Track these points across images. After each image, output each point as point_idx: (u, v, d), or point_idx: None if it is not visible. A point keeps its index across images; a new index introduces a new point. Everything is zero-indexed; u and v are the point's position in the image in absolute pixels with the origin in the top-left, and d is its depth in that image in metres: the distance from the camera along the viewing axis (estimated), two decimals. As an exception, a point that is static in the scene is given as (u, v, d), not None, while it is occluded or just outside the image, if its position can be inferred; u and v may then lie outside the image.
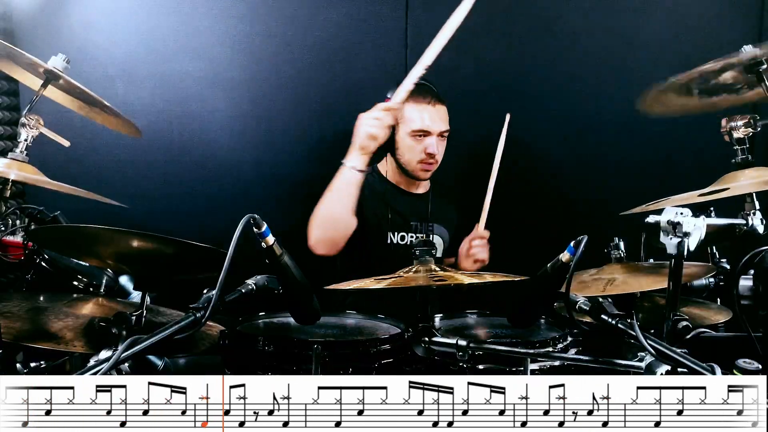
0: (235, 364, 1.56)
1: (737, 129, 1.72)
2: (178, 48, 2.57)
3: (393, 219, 2.31)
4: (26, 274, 1.90)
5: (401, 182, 2.37)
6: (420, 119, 2.21)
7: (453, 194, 2.48)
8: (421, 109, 2.21)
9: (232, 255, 1.23)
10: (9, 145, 2.44)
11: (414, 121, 2.21)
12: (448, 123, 2.27)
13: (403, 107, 2.12)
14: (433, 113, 2.22)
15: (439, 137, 2.24)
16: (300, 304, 1.45)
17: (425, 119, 2.21)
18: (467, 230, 2.34)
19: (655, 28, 2.59)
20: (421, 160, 2.25)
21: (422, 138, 2.22)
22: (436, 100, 2.23)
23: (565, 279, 1.30)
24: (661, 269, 1.80)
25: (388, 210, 2.31)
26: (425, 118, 2.21)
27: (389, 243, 2.32)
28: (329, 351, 1.48)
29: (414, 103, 2.20)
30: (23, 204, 2.15)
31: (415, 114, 2.21)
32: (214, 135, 2.62)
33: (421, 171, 2.27)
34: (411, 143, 2.23)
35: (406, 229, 2.34)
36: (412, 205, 2.36)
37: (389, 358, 1.54)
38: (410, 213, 2.35)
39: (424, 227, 2.36)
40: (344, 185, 2.08)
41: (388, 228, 2.31)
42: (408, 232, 2.34)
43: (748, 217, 1.66)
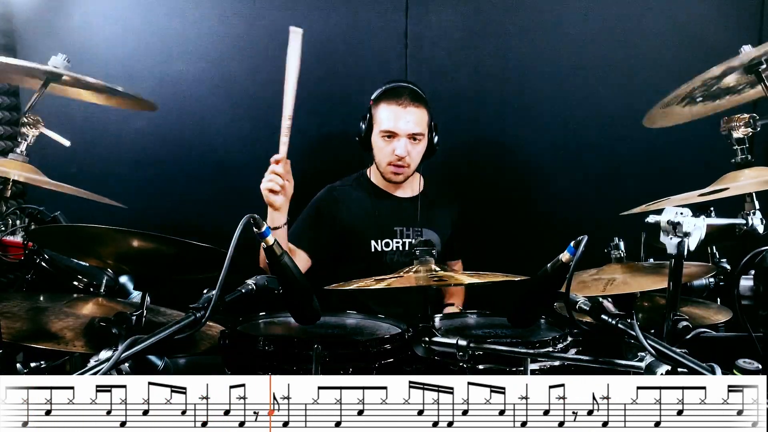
0: (235, 364, 1.56)
1: (737, 129, 1.71)
2: (178, 48, 2.57)
3: (377, 225, 2.28)
4: (26, 274, 1.90)
5: (386, 186, 2.34)
6: (387, 120, 2.18)
7: (447, 198, 2.43)
8: (390, 110, 2.18)
9: (231, 255, 1.23)
10: (9, 145, 2.44)
11: (382, 121, 2.19)
12: (424, 125, 2.21)
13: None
14: (403, 115, 2.17)
15: (410, 140, 2.19)
16: (300, 304, 1.45)
17: (391, 120, 2.18)
18: (462, 235, 2.33)
19: (654, 29, 2.59)
20: (390, 162, 2.22)
21: (390, 139, 2.20)
22: (409, 101, 2.18)
23: (565, 279, 1.30)
24: (661, 269, 1.80)
25: (370, 216, 2.28)
26: (391, 119, 2.18)
27: (373, 251, 2.28)
28: (329, 351, 1.48)
29: (385, 104, 2.19)
30: (23, 204, 2.15)
31: (383, 114, 2.20)
32: (214, 135, 2.62)
33: (392, 173, 2.24)
34: (381, 144, 2.22)
35: (391, 235, 2.30)
36: (398, 210, 2.32)
37: (389, 358, 1.54)
38: (396, 217, 2.31)
39: (413, 232, 2.31)
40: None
41: (372, 236, 2.27)
42: (393, 238, 2.30)
43: (748, 217, 1.66)
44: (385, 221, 2.29)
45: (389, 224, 2.29)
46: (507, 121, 2.66)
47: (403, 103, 2.18)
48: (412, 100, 2.19)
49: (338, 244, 2.29)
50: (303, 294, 1.43)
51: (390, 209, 2.32)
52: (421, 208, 2.32)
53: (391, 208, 2.32)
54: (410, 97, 2.19)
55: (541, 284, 1.35)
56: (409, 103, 2.18)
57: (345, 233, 2.28)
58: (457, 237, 2.40)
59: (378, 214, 2.29)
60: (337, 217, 2.29)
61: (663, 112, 1.83)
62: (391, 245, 2.28)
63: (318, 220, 2.29)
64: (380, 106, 2.20)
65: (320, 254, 2.25)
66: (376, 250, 2.28)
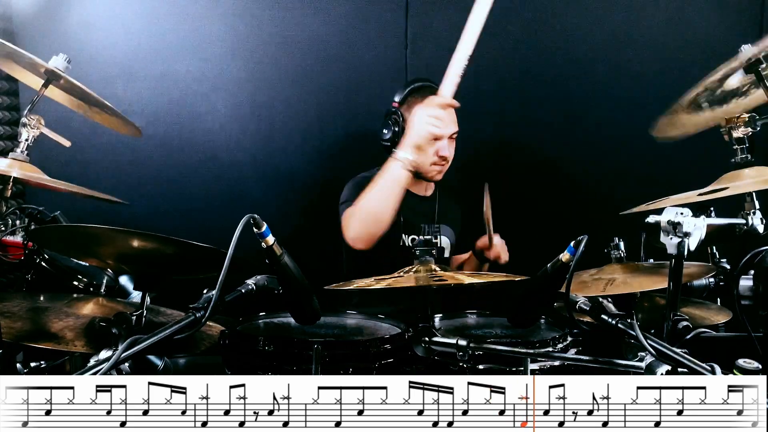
0: (235, 364, 1.56)
1: (737, 128, 1.71)
2: (178, 48, 2.57)
3: (405, 222, 2.27)
4: (26, 274, 1.90)
5: (411, 185, 2.28)
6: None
7: (457, 194, 2.47)
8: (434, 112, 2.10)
9: (231, 255, 1.23)
10: (9, 145, 2.44)
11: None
12: (457, 124, 2.25)
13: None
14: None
15: (450, 139, 2.24)
16: (300, 304, 1.45)
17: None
18: (473, 228, 2.34)
19: (655, 29, 2.59)
20: (434, 162, 2.24)
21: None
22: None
23: (565, 279, 1.30)
24: (661, 269, 1.80)
25: (400, 214, 2.22)
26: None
27: (401, 245, 2.30)
28: (329, 351, 1.48)
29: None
30: (23, 204, 2.15)
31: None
32: (214, 135, 2.62)
33: (435, 173, 2.27)
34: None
35: (417, 231, 2.30)
36: (420, 208, 2.35)
37: (389, 358, 1.54)
38: (419, 215, 2.33)
39: (432, 228, 2.33)
40: (391, 183, 2.00)
41: (401, 231, 2.28)
42: (418, 235, 2.29)
43: (748, 217, 1.66)
44: (410, 217, 2.30)
45: (414, 221, 2.30)
46: (507, 121, 2.67)
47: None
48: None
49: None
50: (303, 294, 1.43)
51: (415, 207, 2.33)
52: (439, 205, 2.36)
53: (416, 205, 2.34)
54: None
55: (541, 284, 1.35)
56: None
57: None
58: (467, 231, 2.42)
59: (403, 211, 2.24)
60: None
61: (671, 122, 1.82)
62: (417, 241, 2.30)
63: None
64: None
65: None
66: (404, 245, 2.30)
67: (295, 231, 2.43)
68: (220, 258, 1.24)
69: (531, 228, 2.63)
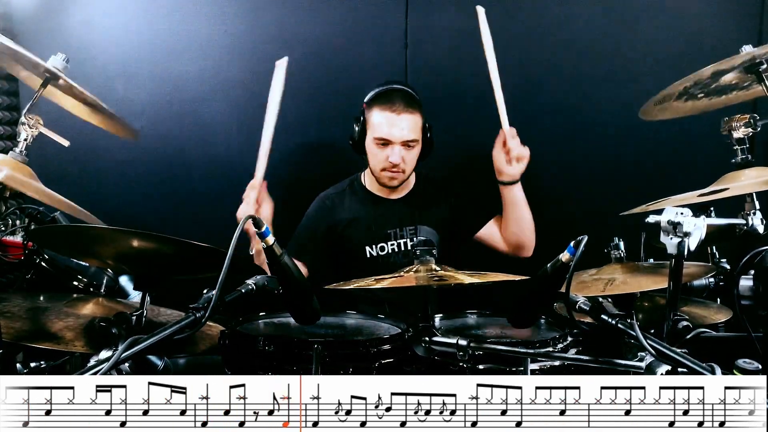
0: (235, 364, 1.56)
1: (737, 129, 1.71)
2: (178, 48, 2.57)
3: (369, 231, 2.27)
4: (26, 274, 1.90)
5: (379, 189, 2.31)
6: (380, 127, 2.15)
7: (443, 191, 2.37)
8: (384, 117, 2.14)
9: (231, 255, 1.23)
10: (9, 145, 2.44)
11: (376, 128, 2.16)
12: (418, 131, 2.17)
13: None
14: (397, 122, 2.13)
15: (404, 146, 2.16)
16: (300, 304, 1.45)
17: (384, 127, 2.14)
18: (460, 228, 2.33)
19: (655, 29, 2.59)
20: (384, 168, 2.19)
21: (384, 146, 2.16)
22: (403, 107, 2.14)
23: (565, 279, 1.30)
24: (661, 269, 1.80)
25: (362, 222, 2.28)
26: (384, 126, 2.14)
27: (368, 257, 2.27)
28: (329, 351, 1.48)
29: (378, 109, 2.16)
30: (23, 204, 2.15)
31: (377, 120, 2.16)
32: (213, 135, 2.62)
33: (387, 179, 2.22)
34: (375, 150, 2.18)
35: (384, 239, 2.27)
36: (392, 212, 2.30)
37: (389, 358, 1.54)
38: (390, 220, 2.28)
39: (406, 232, 2.29)
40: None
41: (365, 242, 2.26)
42: (387, 242, 2.27)
43: (748, 217, 1.66)
44: (377, 226, 2.28)
45: (382, 228, 2.28)
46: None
47: (397, 110, 2.13)
48: (405, 105, 2.14)
49: (336, 253, 2.31)
50: (303, 294, 1.43)
51: (384, 213, 2.30)
52: (414, 206, 2.30)
53: (385, 211, 2.30)
54: (404, 102, 2.15)
55: (541, 284, 1.34)
56: (402, 110, 2.14)
57: (341, 241, 2.29)
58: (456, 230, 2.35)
59: (370, 220, 2.28)
60: (332, 226, 2.29)
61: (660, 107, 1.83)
62: (386, 248, 2.27)
63: (314, 232, 2.30)
64: (373, 111, 2.17)
65: (319, 264, 2.27)
66: (372, 256, 2.27)
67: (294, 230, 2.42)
68: (220, 258, 1.24)
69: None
